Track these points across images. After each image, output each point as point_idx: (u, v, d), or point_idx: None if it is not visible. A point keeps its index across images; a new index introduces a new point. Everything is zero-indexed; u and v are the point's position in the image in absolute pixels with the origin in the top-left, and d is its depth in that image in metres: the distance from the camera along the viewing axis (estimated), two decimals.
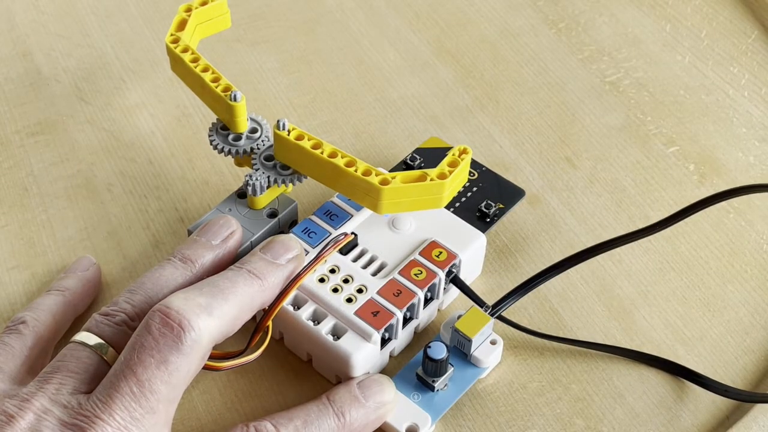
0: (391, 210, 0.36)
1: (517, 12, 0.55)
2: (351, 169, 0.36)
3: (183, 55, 0.41)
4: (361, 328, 0.35)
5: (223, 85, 0.39)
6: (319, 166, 0.37)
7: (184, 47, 0.41)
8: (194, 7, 0.43)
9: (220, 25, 0.44)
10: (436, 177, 0.36)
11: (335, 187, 0.37)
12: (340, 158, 0.36)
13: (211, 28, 0.44)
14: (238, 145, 0.40)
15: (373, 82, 0.50)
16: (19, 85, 0.49)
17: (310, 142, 0.37)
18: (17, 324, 0.35)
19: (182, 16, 0.42)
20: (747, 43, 0.53)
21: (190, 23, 0.42)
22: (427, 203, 0.36)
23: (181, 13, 0.43)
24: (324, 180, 0.37)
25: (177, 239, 0.42)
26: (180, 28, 0.42)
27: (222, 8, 0.44)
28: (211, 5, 0.43)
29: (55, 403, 0.30)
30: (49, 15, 0.54)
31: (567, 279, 0.41)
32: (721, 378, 0.37)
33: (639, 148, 0.47)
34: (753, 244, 0.43)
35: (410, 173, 0.36)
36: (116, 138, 0.47)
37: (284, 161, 0.38)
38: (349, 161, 0.36)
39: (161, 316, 0.31)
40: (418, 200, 0.36)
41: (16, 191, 0.44)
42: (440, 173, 0.36)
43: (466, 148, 0.37)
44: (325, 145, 0.37)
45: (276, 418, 0.33)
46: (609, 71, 0.51)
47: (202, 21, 0.43)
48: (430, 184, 0.35)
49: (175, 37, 0.42)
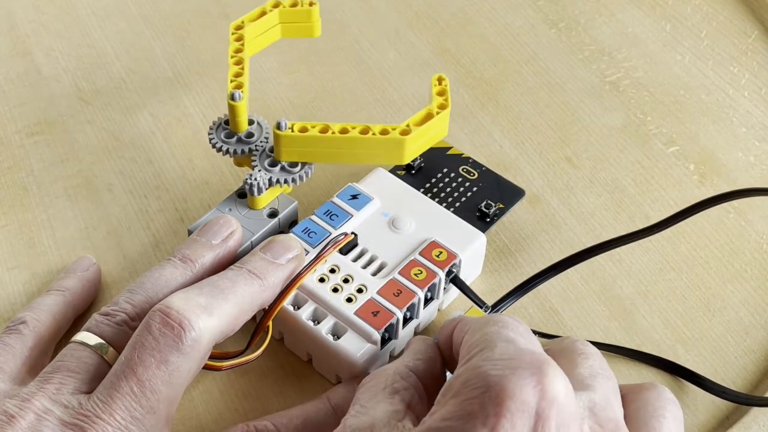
0: (412, 156, 0.39)
1: (517, 12, 0.55)
2: (369, 135, 0.38)
3: (232, 42, 0.41)
4: (361, 327, 0.35)
5: (237, 83, 0.39)
6: (334, 147, 0.38)
7: (238, 36, 0.41)
8: (282, 4, 0.43)
9: (305, 31, 0.44)
10: (439, 108, 0.39)
11: (353, 159, 0.38)
12: (353, 130, 0.38)
13: (296, 32, 0.44)
14: (238, 145, 0.40)
15: (373, 82, 0.50)
16: (19, 85, 0.49)
17: (316, 128, 0.38)
18: (17, 324, 0.35)
19: (264, 9, 0.42)
20: (747, 43, 0.53)
21: (269, 18, 0.42)
22: (435, 138, 0.40)
23: (266, 6, 0.43)
24: (340, 158, 0.38)
25: (177, 239, 0.42)
26: (255, 18, 0.42)
27: (310, 16, 0.43)
28: (299, 9, 0.43)
29: (55, 403, 0.30)
30: (49, 15, 0.54)
31: (567, 279, 0.41)
32: (722, 378, 0.37)
33: (639, 148, 0.47)
34: (753, 244, 0.43)
35: (417, 116, 0.38)
36: (116, 138, 0.47)
37: (291, 159, 0.39)
38: (363, 129, 0.38)
39: (161, 316, 0.31)
40: (430, 137, 0.39)
41: (16, 191, 0.44)
42: (440, 104, 0.39)
43: (440, 75, 0.40)
44: (332, 125, 0.38)
45: (276, 418, 0.33)
46: (609, 71, 0.51)
47: (287, 21, 0.43)
48: (438, 118, 0.39)
49: (241, 24, 0.42)
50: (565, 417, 0.26)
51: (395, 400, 0.29)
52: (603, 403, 0.28)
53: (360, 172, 0.44)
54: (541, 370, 0.26)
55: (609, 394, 0.29)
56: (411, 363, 0.31)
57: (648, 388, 0.31)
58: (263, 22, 0.42)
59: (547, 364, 0.26)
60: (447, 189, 0.42)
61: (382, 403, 0.29)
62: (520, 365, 0.26)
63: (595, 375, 0.29)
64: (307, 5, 0.43)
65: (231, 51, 0.41)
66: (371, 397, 0.30)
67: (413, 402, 0.30)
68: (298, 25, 0.43)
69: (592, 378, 0.29)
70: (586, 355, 0.30)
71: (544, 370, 0.26)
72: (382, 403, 0.29)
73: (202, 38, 0.53)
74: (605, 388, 0.29)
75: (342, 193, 0.40)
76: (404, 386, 0.30)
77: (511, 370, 0.26)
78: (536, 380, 0.26)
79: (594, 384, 0.29)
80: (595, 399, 0.28)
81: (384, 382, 0.30)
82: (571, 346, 0.31)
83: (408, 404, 0.29)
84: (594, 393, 0.28)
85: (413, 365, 0.31)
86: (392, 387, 0.30)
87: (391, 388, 0.30)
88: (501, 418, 0.25)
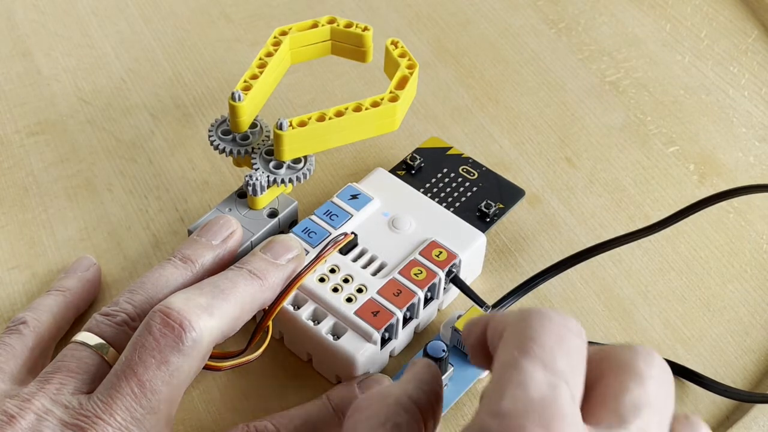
0: (401, 120, 0.40)
1: (517, 12, 0.55)
2: (363, 111, 0.39)
3: (267, 45, 0.41)
4: (361, 327, 0.35)
5: (246, 84, 0.39)
6: (334, 131, 0.39)
7: (276, 41, 0.41)
8: (338, 23, 0.42)
9: (355, 55, 0.43)
10: (409, 69, 0.41)
11: (354, 137, 0.39)
12: (348, 111, 0.39)
13: (346, 53, 0.43)
14: (238, 145, 0.40)
15: (373, 82, 0.50)
16: (19, 85, 0.49)
17: (313, 118, 0.38)
18: (18, 324, 0.35)
19: (316, 21, 0.42)
20: (747, 43, 0.53)
21: (318, 32, 0.42)
22: (411, 98, 0.41)
23: (321, 19, 0.42)
24: (341, 140, 0.39)
25: (177, 239, 0.42)
26: (303, 29, 0.42)
27: (362, 41, 0.42)
28: (352, 30, 0.42)
29: (55, 404, 0.30)
30: (49, 15, 0.54)
31: (567, 279, 0.41)
32: (722, 378, 0.37)
33: (639, 148, 0.47)
34: (753, 244, 0.43)
35: (394, 81, 0.40)
36: (116, 138, 0.47)
37: (295, 155, 0.39)
38: (356, 106, 0.39)
39: (162, 316, 0.31)
40: (409, 99, 0.41)
41: (16, 191, 0.44)
42: (408, 65, 0.41)
43: (393, 39, 0.42)
44: (327, 111, 0.38)
45: (276, 418, 0.33)
46: (609, 71, 0.51)
47: (337, 40, 0.42)
48: (412, 78, 0.40)
49: (285, 31, 0.42)
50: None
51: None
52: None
53: (360, 172, 0.44)
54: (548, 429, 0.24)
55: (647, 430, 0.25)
56: (414, 394, 0.29)
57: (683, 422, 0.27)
58: (312, 34, 0.42)
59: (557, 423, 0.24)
60: (447, 189, 0.42)
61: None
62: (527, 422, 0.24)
63: (640, 407, 0.26)
64: (361, 29, 0.42)
65: (262, 53, 0.41)
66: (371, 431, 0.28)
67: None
68: (349, 47, 0.43)
69: (635, 411, 0.26)
70: (642, 379, 0.26)
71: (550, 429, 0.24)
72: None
73: (202, 38, 0.53)
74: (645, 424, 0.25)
75: (342, 193, 0.40)
76: (406, 421, 0.28)
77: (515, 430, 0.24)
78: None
79: (632, 420, 0.25)
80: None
81: (385, 415, 0.28)
82: (630, 362, 0.27)
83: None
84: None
85: (416, 396, 0.29)
86: (394, 422, 0.28)
87: (392, 423, 0.27)
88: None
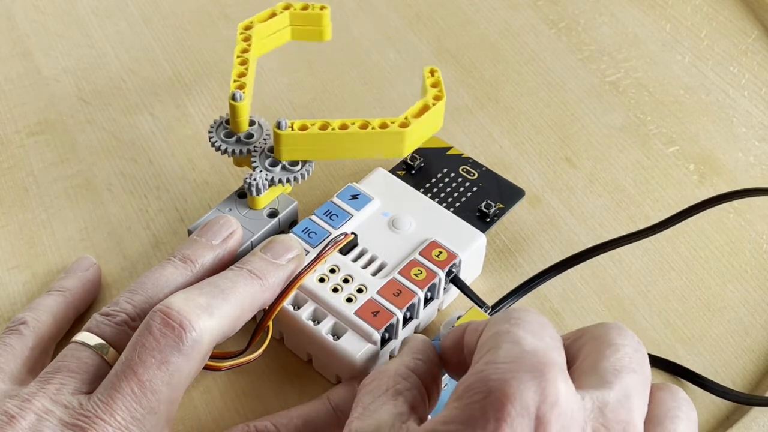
0: (411, 148, 0.39)
1: (517, 12, 0.55)
2: (369, 129, 0.38)
3: (239, 42, 0.41)
4: (361, 327, 0.35)
5: (239, 83, 0.39)
6: (335, 143, 0.38)
7: (246, 36, 0.41)
8: (294, 7, 0.43)
9: (314, 35, 0.44)
10: (435, 99, 0.39)
11: (354, 154, 0.38)
12: (353, 126, 0.38)
13: (305, 35, 0.44)
14: (238, 145, 0.40)
15: (373, 82, 0.50)
16: (19, 85, 0.49)
17: (315, 126, 0.38)
18: (18, 324, 0.35)
19: (274, 10, 0.42)
20: (747, 43, 0.53)
21: (278, 20, 0.42)
22: (431, 130, 0.40)
23: (277, 7, 0.43)
24: (341, 154, 0.38)
25: (177, 239, 0.42)
26: (263, 19, 0.42)
27: (320, 20, 0.43)
28: (309, 12, 0.43)
29: (56, 404, 0.30)
30: (49, 15, 0.54)
31: (567, 279, 0.41)
32: (722, 378, 0.37)
33: (639, 148, 0.47)
34: (753, 244, 0.43)
35: (414, 108, 0.39)
36: (116, 138, 0.47)
37: (293, 157, 0.39)
38: (362, 123, 0.38)
39: (162, 316, 0.31)
40: (428, 129, 0.39)
41: (16, 191, 0.44)
42: (435, 95, 0.39)
43: (432, 68, 0.40)
44: (332, 122, 0.38)
45: (276, 418, 0.33)
46: (609, 71, 0.51)
47: (296, 24, 0.43)
48: (434, 109, 0.39)
49: (249, 24, 0.42)
50: (566, 420, 0.26)
51: (399, 402, 0.29)
52: (616, 403, 0.27)
53: (360, 172, 0.44)
54: (543, 373, 0.26)
55: (630, 391, 0.28)
56: (411, 363, 0.31)
57: (662, 388, 0.30)
58: (273, 23, 0.42)
59: (550, 366, 0.26)
60: (447, 189, 0.42)
61: (386, 405, 0.29)
62: (521, 368, 0.26)
63: (620, 370, 0.28)
64: (318, 9, 0.43)
65: (237, 51, 0.41)
66: (374, 399, 0.30)
67: (416, 403, 0.29)
68: (308, 29, 0.43)
69: (615, 374, 0.28)
70: (617, 346, 0.29)
71: (545, 373, 0.26)
72: (386, 405, 0.29)
73: (202, 38, 0.53)
74: (626, 385, 0.28)
75: (342, 193, 0.40)
76: (407, 387, 0.30)
77: (513, 373, 0.26)
78: (537, 383, 0.25)
79: (614, 381, 0.28)
80: (609, 398, 0.27)
81: (386, 383, 0.30)
82: (604, 335, 0.30)
83: (411, 405, 0.29)
84: (610, 391, 0.27)
85: (413, 365, 0.31)
86: (395, 389, 0.30)
87: (393, 389, 0.30)
88: (502, 423, 0.25)
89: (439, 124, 0.40)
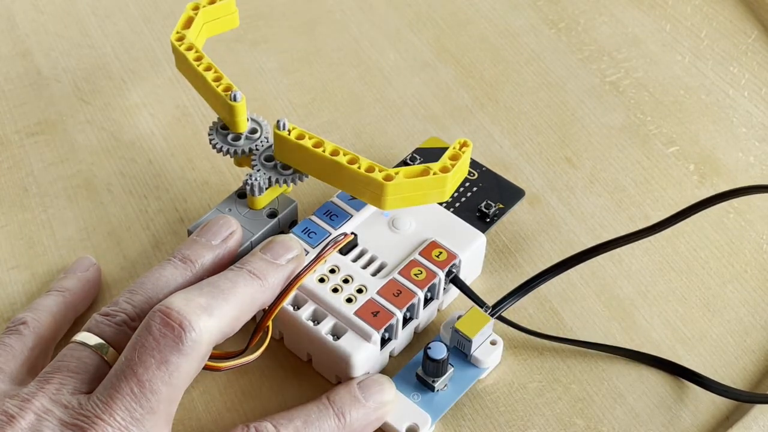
0: (395, 205, 0.36)
1: (517, 12, 0.55)
2: (354, 167, 0.36)
3: (187, 53, 0.41)
4: (361, 328, 0.35)
5: (225, 84, 0.39)
6: (321, 165, 0.37)
7: (188, 45, 0.41)
8: (202, 5, 0.43)
9: (227, 24, 0.44)
10: (439, 171, 0.36)
11: (337, 184, 0.37)
12: (342, 156, 0.36)
13: (219, 27, 0.44)
14: (238, 145, 0.40)
15: (373, 82, 0.50)
16: (19, 85, 0.49)
17: (311, 140, 0.37)
18: (17, 324, 0.35)
19: (189, 14, 0.42)
20: (747, 43, 0.53)
21: (196, 21, 0.42)
22: (429, 197, 0.36)
23: (188, 11, 0.43)
24: (326, 178, 0.37)
25: (177, 239, 0.42)
26: (186, 26, 0.42)
27: (230, 8, 0.44)
28: (219, 4, 0.43)
29: (55, 404, 0.30)
30: (49, 15, 0.54)
31: (567, 279, 0.41)
32: (722, 378, 0.37)
33: (639, 148, 0.47)
34: (753, 244, 0.43)
35: (413, 168, 0.36)
36: (116, 138, 0.47)
37: (285, 161, 0.38)
38: (352, 158, 0.36)
39: (162, 316, 0.31)
40: (421, 195, 0.36)
41: (16, 191, 0.44)
42: (443, 167, 0.36)
43: (466, 141, 0.37)
44: (327, 144, 0.37)
45: (276, 418, 0.33)
46: (609, 71, 0.51)
47: (210, 20, 0.43)
48: (433, 178, 0.36)
49: (180, 35, 0.42)
50: None
51: None
52: None
53: None
54: None
55: None
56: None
57: None
58: (195, 27, 0.42)
59: None
60: None
61: None
62: None
63: None
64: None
65: (192, 61, 0.40)
66: None
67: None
68: (220, 21, 0.44)
69: None
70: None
71: None
72: None
73: None
74: None
75: (342, 193, 0.40)
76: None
77: None
78: None
79: None
80: None
81: None
82: None
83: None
84: None
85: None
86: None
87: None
88: None
89: (440, 195, 0.36)
